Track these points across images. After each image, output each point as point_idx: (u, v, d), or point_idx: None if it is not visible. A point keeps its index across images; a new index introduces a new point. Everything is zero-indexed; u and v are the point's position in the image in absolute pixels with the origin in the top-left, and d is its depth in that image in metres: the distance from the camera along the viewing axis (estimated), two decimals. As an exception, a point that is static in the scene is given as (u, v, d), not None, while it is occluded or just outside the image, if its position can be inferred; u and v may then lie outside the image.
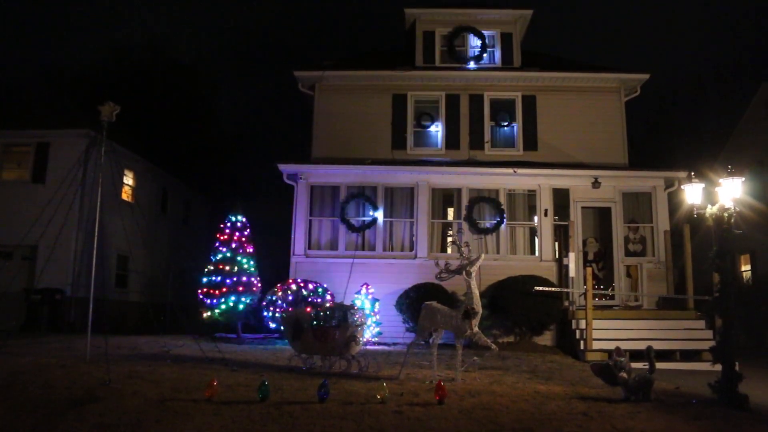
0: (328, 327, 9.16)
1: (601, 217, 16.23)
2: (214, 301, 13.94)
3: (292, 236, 15.30)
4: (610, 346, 9.05)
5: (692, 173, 8.87)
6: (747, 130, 21.60)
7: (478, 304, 8.56)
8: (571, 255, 14.36)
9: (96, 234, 9.38)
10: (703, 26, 49.84)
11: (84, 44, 44.23)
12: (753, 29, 42.98)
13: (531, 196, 15.58)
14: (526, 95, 17.47)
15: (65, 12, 50.27)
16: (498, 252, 15.16)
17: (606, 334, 12.47)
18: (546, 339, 14.28)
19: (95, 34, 50.32)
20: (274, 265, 19.28)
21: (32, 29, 46.61)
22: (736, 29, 44.34)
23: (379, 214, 15.29)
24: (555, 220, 15.35)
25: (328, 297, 13.83)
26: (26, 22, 46.04)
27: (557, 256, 15.13)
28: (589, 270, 13.07)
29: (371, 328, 13.34)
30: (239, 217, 14.81)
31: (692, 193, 8.60)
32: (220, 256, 14.37)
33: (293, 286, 13.84)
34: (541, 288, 13.48)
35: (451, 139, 17.26)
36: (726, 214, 7.94)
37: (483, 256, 9.14)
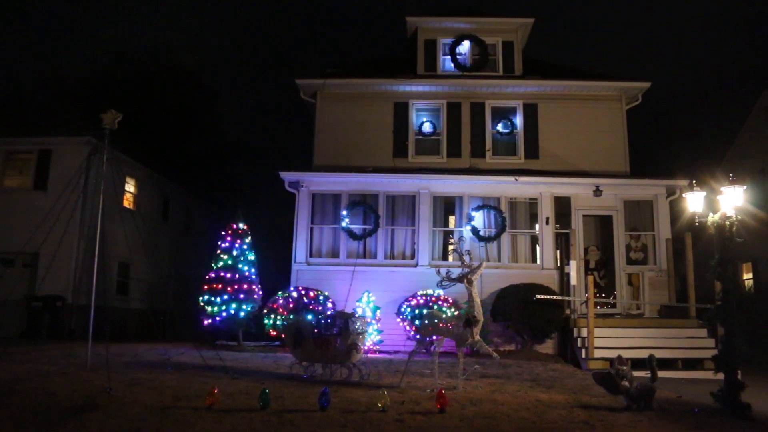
0: (329, 335, 9.14)
1: (602, 225, 16.22)
2: (215, 308, 13.92)
3: (294, 244, 15.30)
4: (612, 354, 9.03)
5: (694, 181, 8.86)
6: (748, 138, 21.60)
7: (479, 312, 8.56)
8: (573, 263, 14.34)
9: (97, 241, 9.39)
10: (705, 35, 49.99)
11: (86, 51, 44.46)
12: (754, 37, 43.08)
13: (532, 204, 15.58)
14: (528, 103, 17.51)
15: (67, 19, 50.53)
16: (499, 260, 15.15)
17: (608, 342, 12.44)
18: (547, 347, 14.25)
19: (97, 42, 50.56)
20: (276, 272, 19.27)
21: (34, 36, 46.84)
22: (737, 37, 44.47)
23: (381, 222, 15.28)
24: (556, 228, 15.34)
25: (330, 305, 13.82)
26: (28, 29, 46.28)
27: (559, 265, 15.10)
28: (590, 278, 13.05)
29: (372, 336, 13.32)
30: (240, 225, 14.81)
31: (694, 202, 8.60)
32: (221, 263, 14.36)
33: (294, 294, 13.84)
34: (542, 296, 13.46)
35: (453, 147, 17.28)
36: (728, 223, 7.94)
37: (484, 264, 9.14)
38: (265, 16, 60.25)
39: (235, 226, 14.78)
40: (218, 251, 14.58)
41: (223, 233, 14.81)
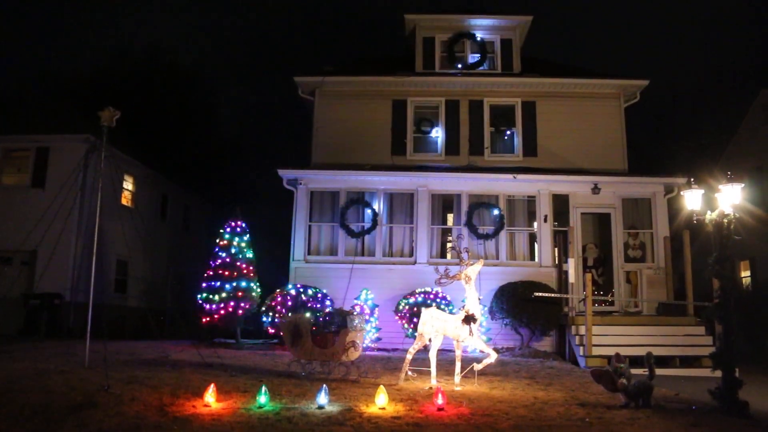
0: (327, 332, 9.16)
1: (600, 222, 16.24)
2: (213, 306, 13.92)
3: (292, 241, 15.29)
4: (610, 352, 9.03)
5: (692, 179, 8.86)
6: (746, 135, 21.61)
7: (477, 310, 8.56)
8: (571, 261, 14.35)
9: (95, 239, 9.37)
10: (703, 32, 49.98)
11: (84, 49, 44.34)
12: (752, 35, 43.09)
13: (531, 201, 15.59)
14: (526, 101, 17.50)
15: (65, 17, 50.43)
16: (497, 258, 15.15)
17: (606, 340, 12.45)
18: (546, 345, 14.26)
19: (95, 39, 50.47)
20: (274, 270, 19.29)
21: (32, 34, 46.75)
22: (735, 35, 44.46)
23: (379, 220, 15.28)
24: (554, 226, 15.35)
25: (328, 302, 13.83)
26: (26, 27, 46.18)
27: (557, 262, 15.11)
28: (588, 276, 13.06)
29: (371, 333, 13.33)
30: (239, 222, 14.81)
31: (692, 199, 8.60)
32: (219, 261, 14.37)
33: (292, 292, 13.85)
34: (540, 294, 13.47)
35: (451, 144, 17.27)
36: (725, 220, 7.94)
37: (482, 261, 9.15)
38: (263, 14, 60.18)
39: (233, 223, 14.79)
40: (216, 249, 14.58)
41: (221, 231, 14.82)
